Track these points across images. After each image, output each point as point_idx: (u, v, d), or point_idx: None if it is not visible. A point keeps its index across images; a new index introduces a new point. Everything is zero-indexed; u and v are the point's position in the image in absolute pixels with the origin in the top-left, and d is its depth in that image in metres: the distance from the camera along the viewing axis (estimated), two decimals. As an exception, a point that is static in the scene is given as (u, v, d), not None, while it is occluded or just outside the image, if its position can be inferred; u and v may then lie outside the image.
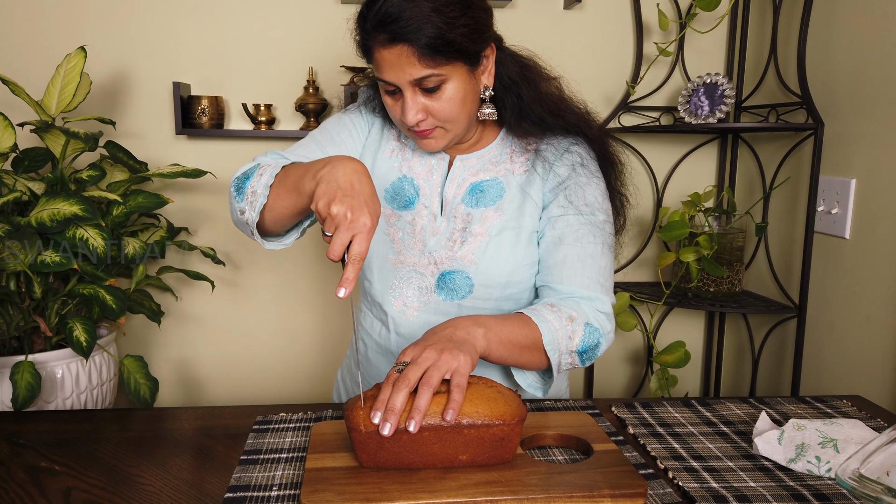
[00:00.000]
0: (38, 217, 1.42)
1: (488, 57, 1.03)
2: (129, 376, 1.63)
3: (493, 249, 1.07)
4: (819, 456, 0.86)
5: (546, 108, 1.08)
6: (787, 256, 1.86)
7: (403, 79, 0.96)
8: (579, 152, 1.11)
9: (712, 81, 1.84)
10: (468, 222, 1.09)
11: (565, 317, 0.98)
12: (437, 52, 0.94)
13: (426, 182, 1.12)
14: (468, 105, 1.02)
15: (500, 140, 1.14)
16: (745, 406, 1.07)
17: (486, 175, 1.11)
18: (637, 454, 0.90)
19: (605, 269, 1.06)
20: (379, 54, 0.97)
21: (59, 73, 1.58)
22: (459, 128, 1.04)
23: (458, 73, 0.98)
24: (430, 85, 0.97)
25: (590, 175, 1.10)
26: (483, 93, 1.05)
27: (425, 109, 0.99)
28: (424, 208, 1.11)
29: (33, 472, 0.88)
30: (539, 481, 0.81)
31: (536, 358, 0.97)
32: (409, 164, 1.14)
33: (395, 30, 0.92)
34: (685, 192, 2.09)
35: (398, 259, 1.10)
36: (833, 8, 1.66)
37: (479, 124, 1.12)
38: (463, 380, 0.82)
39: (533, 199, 1.09)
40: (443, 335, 0.88)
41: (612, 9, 2.00)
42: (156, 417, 1.06)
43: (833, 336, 1.67)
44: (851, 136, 1.60)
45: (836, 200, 1.64)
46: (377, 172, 1.15)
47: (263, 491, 0.81)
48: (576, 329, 0.98)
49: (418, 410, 0.79)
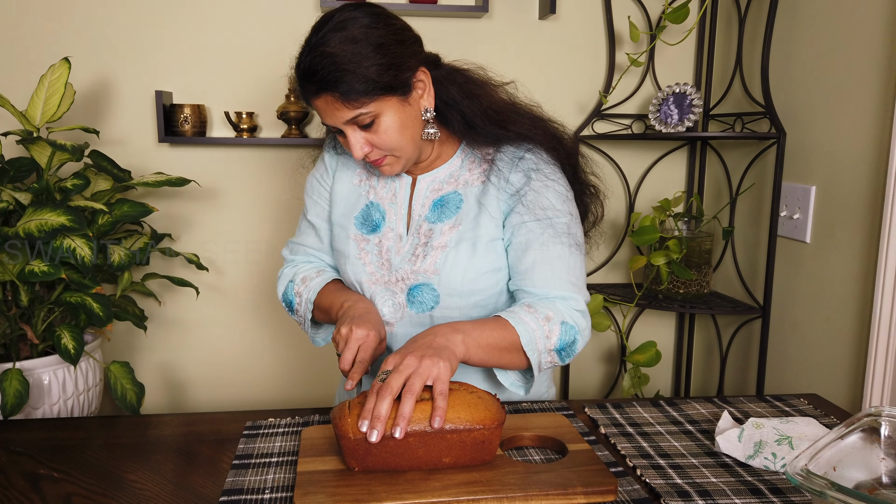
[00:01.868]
0: (25, 228, 1.44)
1: (423, 80, 1.07)
2: (116, 382, 1.66)
3: (451, 260, 1.12)
4: (775, 452, 0.92)
5: (491, 120, 1.11)
6: (752, 259, 1.94)
7: (338, 121, 1.04)
8: (533, 158, 1.14)
9: (681, 91, 1.91)
10: (429, 237, 1.14)
11: (542, 317, 1.03)
12: (358, 94, 1.00)
13: (391, 206, 1.18)
14: (409, 131, 1.07)
15: (459, 153, 1.18)
16: (710, 405, 1.14)
17: (447, 189, 1.16)
18: (608, 453, 0.96)
19: (575, 268, 1.10)
20: (313, 103, 1.05)
21: (42, 84, 1.61)
22: (407, 152, 1.08)
23: (388, 106, 1.03)
24: (364, 122, 1.03)
25: (545, 179, 1.12)
26: (425, 114, 1.09)
27: (368, 143, 1.06)
28: (390, 231, 1.17)
29: (33, 480, 0.91)
30: (517, 481, 0.86)
31: (516, 359, 1.03)
32: (375, 190, 1.20)
33: (317, 82, 1.00)
34: (656, 197, 2.17)
35: (371, 280, 1.16)
36: (795, 22, 1.74)
37: (434, 142, 1.15)
38: (445, 386, 0.87)
39: (488, 211, 1.13)
40: (423, 343, 0.93)
41: (586, 20, 2.07)
42: (147, 424, 1.10)
43: (795, 335, 1.76)
44: (812, 145, 1.69)
45: (798, 206, 1.72)
46: (348, 202, 1.21)
47: (257, 494, 0.85)
48: (552, 328, 1.03)
49: (403, 417, 0.84)
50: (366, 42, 1.00)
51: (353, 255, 1.18)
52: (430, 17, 2.00)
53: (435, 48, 2.08)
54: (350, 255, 1.18)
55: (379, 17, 1.03)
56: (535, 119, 1.18)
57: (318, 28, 1.02)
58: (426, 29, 2.01)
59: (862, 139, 1.51)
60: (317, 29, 1.02)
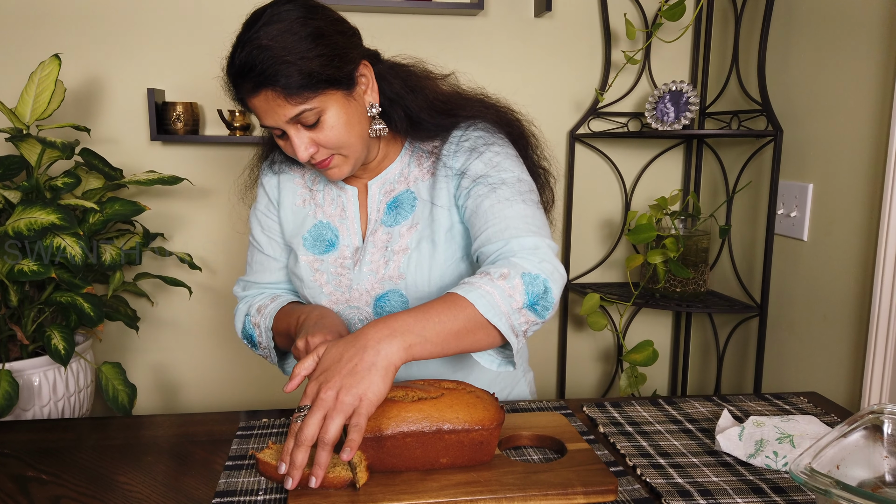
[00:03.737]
0: (14, 226, 1.42)
1: (365, 75, 1.03)
2: (108, 383, 1.64)
3: (415, 262, 1.08)
4: (776, 451, 0.91)
5: (438, 110, 1.08)
6: (749, 257, 1.93)
7: (280, 120, 0.98)
8: (475, 134, 1.09)
9: (677, 89, 1.90)
10: (388, 241, 1.10)
11: (496, 276, 0.89)
12: (301, 87, 0.95)
13: (341, 222, 1.14)
14: (356, 127, 1.02)
15: (404, 151, 1.15)
16: (709, 404, 1.12)
17: (399, 189, 1.12)
18: (608, 452, 0.94)
19: (531, 216, 1.00)
20: (251, 103, 0.99)
21: (32, 81, 1.58)
22: (355, 150, 1.03)
23: (333, 101, 0.98)
24: (308, 121, 0.98)
25: (491, 146, 1.07)
26: (370, 110, 1.05)
27: (313, 142, 1.00)
28: (346, 247, 1.13)
29: (21, 482, 0.89)
30: (516, 481, 0.85)
31: (482, 335, 0.88)
32: (321, 208, 1.15)
33: (254, 78, 0.95)
34: (652, 196, 2.16)
35: (331, 301, 1.12)
36: (791, 19, 1.73)
37: (379, 141, 1.12)
38: (362, 420, 0.77)
39: (438, 205, 1.08)
40: (345, 367, 0.80)
41: (582, 17, 2.06)
42: (138, 425, 1.08)
43: (792, 334, 1.75)
44: (809, 143, 1.68)
45: (795, 204, 1.71)
46: (294, 223, 1.17)
47: (250, 496, 0.83)
48: (513, 284, 0.89)
49: (319, 466, 0.77)
50: (304, 33, 0.95)
51: (308, 278, 1.13)
52: (424, 15, 1.99)
53: (429, 46, 2.07)
54: (305, 279, 1.13)
55: (315, 9, 0.99)
56: (484, 102, 1.15)
57: (251, 23, 0.97)
58: (420, 27, 2.01)
59: (860, 136, 1.51)
60: (249, 24, 0.97)
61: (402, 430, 0.85)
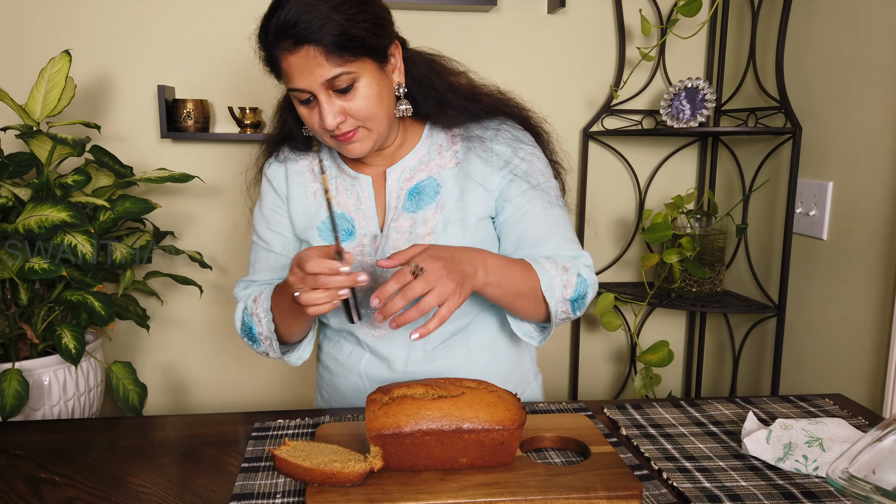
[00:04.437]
0: (25, 224, 1.40)
1: (395, 55, 1.04)
2: (118, 383, 1.62)
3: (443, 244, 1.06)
4: (806, 455, 0.89)
5: (462, 96, 1.11)
6: (765, 257, 1.91)
7: (315, 82, 0.96)
8: (509, 129, 1.13)
9: (693, 86, 1.88)
10: (412, 226, 1.10)
11: (560, 267, 1.03)
12: (342, 48, 0.94)
13: (356, 212, 1.12)
14: (385, 101, 1.02)
15: (425, 138, 1.14)
16: (733, 406, 1.10)
17: (420, 176, 1.12)
18: (631, 455, 0.92)
19: (571, 228, 1.14)
20: (286, 62, 0.97)
21: (43, 78, 1.57)
22: (381, 126, 1.03)
23: (368, 70, 0.98)
24: (342, 85, 0.97)
25: (528, 148, 1.13)
26: (397, 90, 1.05)
27: (343, 111, 0.99)
28: (363, 236, 1.11)
29: (33, 484, 0.88)
30: (537, 483, 0.82)
31: (532, 307, 1.02)
32: (336, 200, 1.13)
33: (297, 33, 0.93)
34: (666, 194, 2.13)
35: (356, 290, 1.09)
36: (810, 14, 1.70)
37: (399, 125, 1.12)
38: (447, 313, 0.87)
39: (478, 183, 1.10)
40: (456, 261, 0.90)
41: (595, 14, 2.03)
42: (150, 425, 1.07)
43: (811, 335, 1.72)
44: (829, 140, 1.65)
45: (814, 202, 1.68)
46: (307, 215, 1.14)
47: (267, 499, 0.82)
48: (570, 279, 1.03)
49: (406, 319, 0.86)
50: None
51: None
52: (435, 11, 1.97)
53: (442, 43, 2.05)
54: None
55: None
56: (503, 95, 1.17)
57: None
58: (431, 23, 1.99)
59: (881, 133, 1.48)
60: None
61: (421, 428, 0.83)
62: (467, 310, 1.13)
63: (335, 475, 0.80)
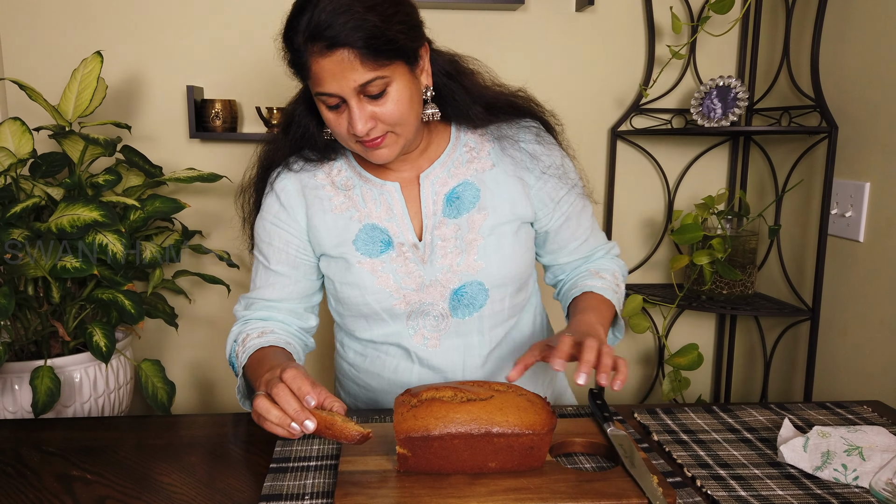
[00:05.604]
0: (58, 223, 1.42)
1: (424, 57, 1.01)
2: (147, 380, 1.64)
3: (493, 248, 1.07)
4: (846, 464, 0.86)
5: (486, 95, 1.09)
6: (799, 259, 1.87)
7: (347, 87, 0.92)
8: (537, 127, 1.13)
9: (725, 84, 1.84)
10: (457, 232, 1.07)
11: (609, 276, 1.16)
12: (378, 51, 0.91)
13: (389, 221, 1.08)
14: (415, 106, 0.99)
15: (454, 140, 1.12)
16: (767, 412, 1.07)
17: (455, 181, 1.09)
18: (663, 462, 0.90)
19: (593, 219, 1.21)
20: (318, 65, 0.92)
21: (75, 78, 1.59)
22: (410, 130, 1.00)
23: (400, 74, 0.95)
24: (375, 91, 0.94)
25: (555, 147, 1.14)
26: (425, 93, 1.02)
27: (373, 117, 0.96)
28: (402, 245, 1.07)
29: (66, 481, 0.88)
30: (568, 489, 0.81)
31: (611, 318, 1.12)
32: (365, 211, 1.08)
33: (332, 35, 0.89)
34: (696, 195, 2.10)
35: (403, 302, 1.07)
36: (847, 10, 1.66)
37: (424, 128, 1.09)
38: (620, 362, 0.88)
39: (518, 184, 1.10)
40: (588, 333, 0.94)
41: (624, 11, 2.01)
42: (180, 424, 1.07)
43: (846, 339, 1.68)
44: (866, 140, 1.61)
45: (850, 204, 1.64)
46: (336, 230, 1.08)
47: (296, 500, 0.81)
48: (619, 282, 1.18)
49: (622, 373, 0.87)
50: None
51: (371, 283, 1.06)
52: (462, 10, 1.96)
53: (469, 42, 2.04)
54: (367, 285, 1.06)
55: None
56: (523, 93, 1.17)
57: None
58: (460, 22, 1.98)
59: (922, 132, 1.44)
60: None
61: (450, 431, 0.82)
62: (510, 312, 1.13)
63: (333, 426, 0.82)
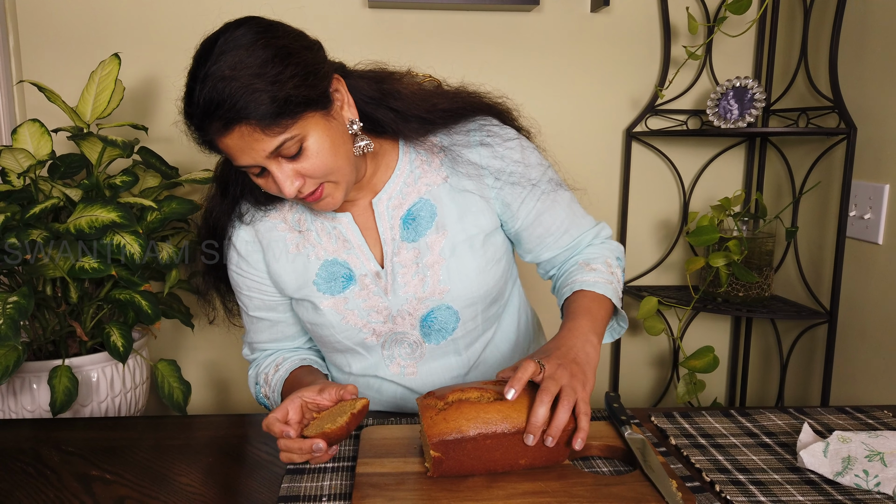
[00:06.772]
0: (76, 224, 1.43)
1: (339, 90, 0.94)
2: (163, 380, 1.65)
3: (456, 269, 1.03)
4: (867, 470, 0.85)
5: (421, 108, 1.01)
6: (816, 261, 1.85)
7: (259, 157, 0.88)
8: (483, 129, 1.05)
9: (742, 85, 1.83)
10: (417, 257, 1.03)
11: (602, 265, 1.08)
12: (277, 115, 0.84)
13: (347, 254, 1.05)
14: (341, 149, 0.92)
15: (402, 156, 1.06)
16: (786, 416, 1.06)
17: (409, 201, 1.04)
18: (682, 466, 0.90)
19: (577, 202, 1.13)
20: (222, 144, 0.88)
21: (93, 80, 1.60)
22: (345, 174, 0.94)
23: (313, 124, 0.89)
24: (290, 152, 0.88)
25: (509, 142, 1.05)
26: (350, 127, 0.95)
27: (298, 174, 0.90)
28: (364, 277, 1.04)
29: (85, 481, 0.89)
30: (586, 493, 0.81)
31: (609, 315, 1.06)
32: (321, 247, 1.05)
33: (224, 114, 0.83)
34: (711, 196, 2.09)
35: (373, 335, 1.07)
36: (866, 9, 1.65)
37: (366, 158, 1.03)
38: (588, 408, 0.86)
39: (475, 196, 1.04)
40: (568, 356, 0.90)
41: (640, 12, 2.00)
42: (197, 425, 1.08)
43: (865, 343, 1.66)
44: (885, 141, 1.59)
45: (869, 206, 1.62)
46: (295, 273, 1.06)
47: (313, 502, 0.82)
48: (615, 270, 1.10)
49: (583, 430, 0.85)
50: (269, 55, 0.85)
51: (338, 322, 1.05)
52: (476, 11, 1.96)
53: (484, 43, 2.04)
54: (335, 324, 1.05)
55: (272, 27, 0.89)
56: (460, 94, 1.08)
57: (204, 55, 0.86)
58: (474, 23, 1.98)
59: (943, 134, 1.42)
60: (203, 56, 0.86)
61: (483, 432, 0.83)
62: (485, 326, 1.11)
63: (329, 436, 0.86)
